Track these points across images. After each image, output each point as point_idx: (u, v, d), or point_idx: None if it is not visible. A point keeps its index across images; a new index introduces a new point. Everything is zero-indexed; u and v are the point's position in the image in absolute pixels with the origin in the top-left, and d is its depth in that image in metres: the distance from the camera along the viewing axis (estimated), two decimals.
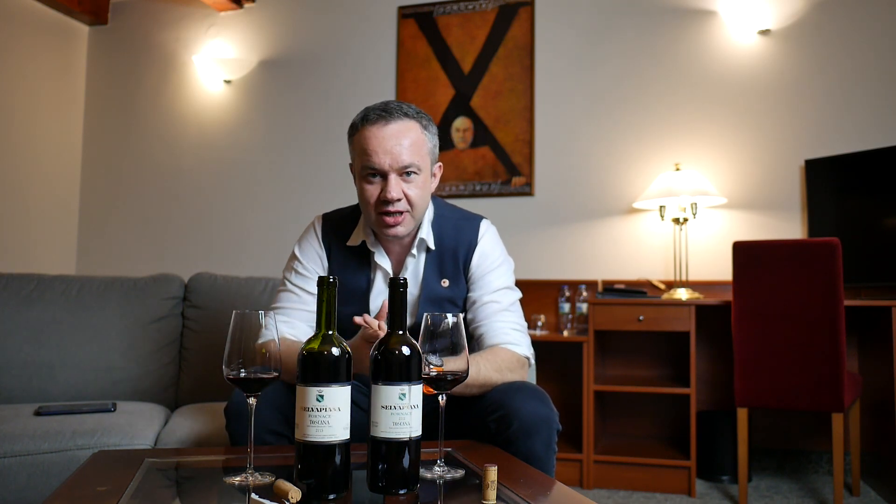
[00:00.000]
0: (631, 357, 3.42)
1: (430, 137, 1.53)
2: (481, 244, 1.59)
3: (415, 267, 1.58)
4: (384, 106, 1.49)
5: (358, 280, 1.58)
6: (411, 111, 1.50)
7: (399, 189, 1.46)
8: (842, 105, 3.29)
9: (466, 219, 1.64)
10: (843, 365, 2.54)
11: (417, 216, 1.52)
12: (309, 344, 1.07)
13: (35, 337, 2.23)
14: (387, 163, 1.45)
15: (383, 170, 1.46)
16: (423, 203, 1.52)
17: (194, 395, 2.31)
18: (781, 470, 3.22)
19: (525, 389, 1.41)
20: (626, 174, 3.54)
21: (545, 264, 3.61)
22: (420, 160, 1.48)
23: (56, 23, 4.23)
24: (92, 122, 4.43)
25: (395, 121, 1.47)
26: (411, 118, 1.49)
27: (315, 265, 1.61)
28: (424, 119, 1.52)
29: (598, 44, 3.64)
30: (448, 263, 1.58)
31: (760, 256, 2.70)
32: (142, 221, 4.29)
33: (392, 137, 1.45)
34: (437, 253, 1.58)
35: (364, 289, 1.58)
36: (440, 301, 1.56)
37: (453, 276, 1.57)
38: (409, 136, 1.47)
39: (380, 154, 1.45)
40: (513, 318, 1.57)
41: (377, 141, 1.45)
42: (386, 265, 1.58)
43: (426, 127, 1.52)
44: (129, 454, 1.39)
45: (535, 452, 1.35)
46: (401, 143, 1.45)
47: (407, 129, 1.47)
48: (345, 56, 4.02)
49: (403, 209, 1.48)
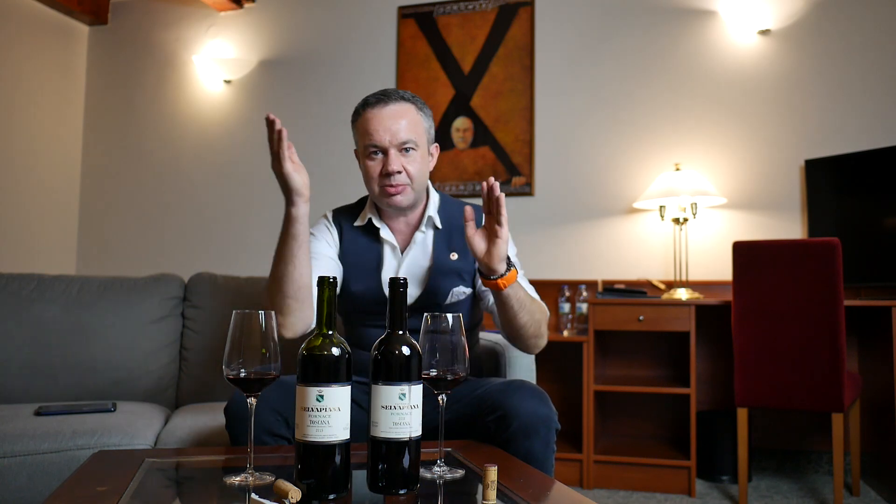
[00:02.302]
0: (631, 357, 3.42)
1: (425, 119, 1.64)
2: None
3: (423, 241, 1.68)
4: (382, 91, 1.62)
5: (369, 255, 1.67)
6: (407, 95, 1.63)
7: (399, 163, 1.57)
8: (842, 105, 3.29)
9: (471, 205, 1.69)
10: (843, 365, 2.54)
11: (417, 189, 1.62)
12: (309, 344, 1.07)
13: (35, 337, 2.22)
14: (386, 139, 1.57)
15: (384, 146, 1.57)
16: (421, 177, 1.62)
17: (194, 395, 2.31)
18: (781, 470, 3.22)
19: (524, 389, 1.44)
20: (626, 174, 3.54)
21: (545, 264, 3.61)
22: (417, 137, 1.60)
23: (56, 23, 4.23)
24: (92, 122, 4.43)
25: (393, 103, 1.59)
26: (407, 101, 1.61)
27: (324, 234, 1.69)
28: (419, 102, 1.65)
29: (598, 44, 3.64)
30: (456, 238, 1.66)
31: (760, 256, 2.70)
32: (142, 221, 4.29)
33: (390, 117, 1.58)
34: (446, 230, 1.68)
35: (375, 264, 1.66)
36: (449, 273, 1.64)
37: (462, 250, 1.66)
38: (407, 116, 1.59)
39: (380, 132, 1.57)
40: (525, 284, 1.66)
41: (377, 120, 1.58)
42: (391, 239, 1.67)
43: (421, 109, 1.64)
44: (129, 454, 1.39)
45: (535, 452, 1.37)
46: (398, 122, 1.58)
47: (404, 109, 1.60)
48: (345, 56, 4.02)
49: (404, 182, 1.59)
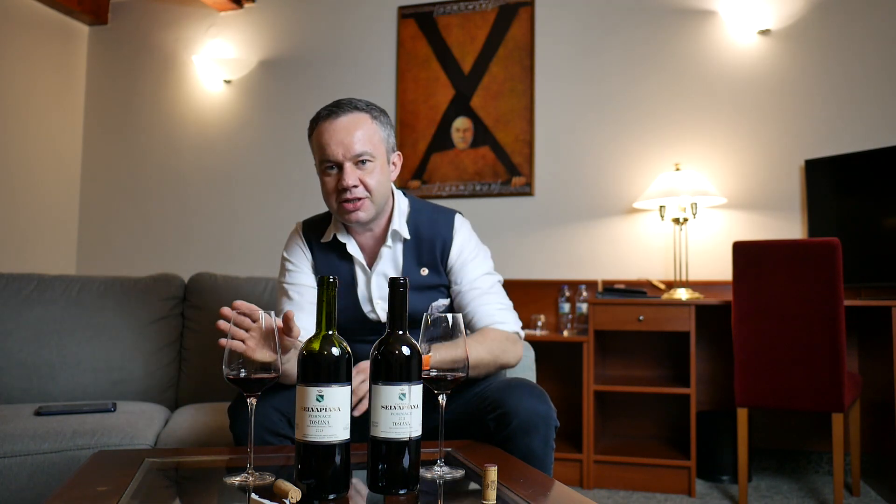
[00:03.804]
0: (631, 357, 3.42)
1: (381, 128, 1.58)
2: (457, 238, 1.65)
3: (392, 256, 1.64)
4: (335, 103, 1.57)
5: (342, 272, 1.64)
6: (361, 104, 1.56)
7: (355, 176, 1.52)
8: (842, 105, 3.29)
9: (441, 212, 1.69)
10: (843, 365, 2.54)
11: (378, 202, 1.57)
12: (309, 344, 1.07)
13: (35, 337, 2.23)
14: (340, 153, 1.51)
15: (338, 160, 1.52)
16: (381, 189, 1.57)
17: (194, 395, 2.31)
18: (781, 470, 3.22)
19: (523, 387, 1.44)
20: (626, 174, 3.54)
21: (545, 264, 3.61)
22: (373, 148, 1.54)
23: (56, 23, 4.23)
24: (92, 122, 4.43)
25: (345, 114, 1.53)
26: (361, 110, 1.55)
27: (302, 262, 1.67)
28: (375, 111, 1.58)
29: (599, 44, 3.64)
30: (426, 254, 1.63)
31: (760, 256, 2.70)
32: (142, 221, 4.29)
33: (343, 129, 1.52)
34: (415, 243, 1.64)
35: (349, 281, 1.64)
36: (422, 289, 1.61)
37: (432, 265, 1.63)
38: (360, 127, 1.53)
39: (332, 145, 1.52)
40: (496, 298, 1.62)
41: (329, 134, 1.52)
42: (358, 255, 1.63)
43: (377, 118, 1.57)
44: (129, 454, 1.39)
45: (534, 450, 1.37)
46: (352, 133, 1.52)
47: (357, 120, 1.53)
48: (345, 56, 4.02)
49: (362, 195, 1.53)
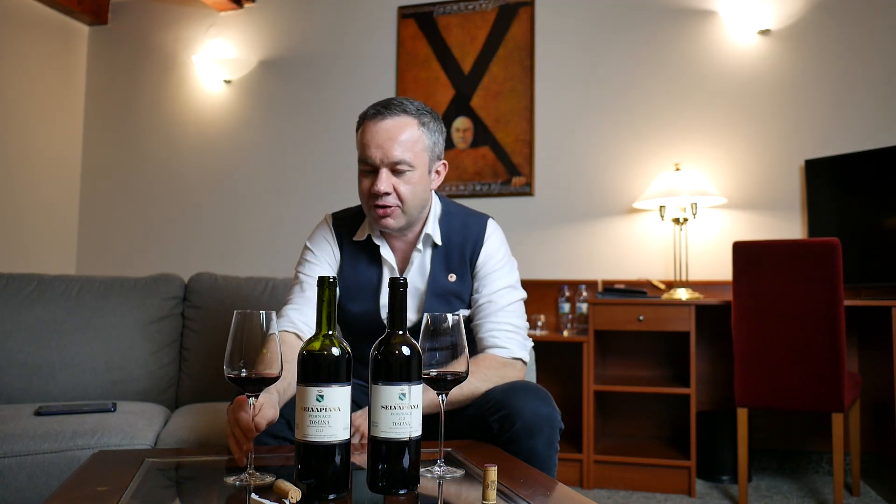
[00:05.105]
0: (631, 357, 3.42)
1: (428, 135, 1.51)
2: (488, 243, 1.60)
3: (421, 262, 1.59)
4: (386, 102, 1.50)
5: (369, 275, 1.60)
6: (411, 108, 1.49)
7: (389, 183, 1.47)
8: (842, 105, 3.29)
9: (474, 216, 1.65)
10: (843, 365, 2.54)
11: (410, 212, 1.52)
12: (309, 344, 1.07)
13: (35, 337, 2.22)
14: (378, 157, 1.46)
15: (374, 163, 1.47)
16: (416, 200, 1.51)
17: (194, 395, 2.31)
18: (781, 470, 3.22)
19: (527, 389, 1.42)
20: (626, 174, 3.54)
21: (545, 264, 3.61)
22: (413, 157, 1.47)
23: (56, 23, 4.23)
24: (92, 121, 4.43)
25: (392, 116, 1.47)
26: (409, 115, 1.48)
27: (326, 255, 1.62)
28: (425, 117, 1.51)
29: (599, 44, 3.64)
30: (455, 258, 1.58)
31: (760, 256, 2.69)
32: (142, 221, 4.29)
33: (385, 132, 1.46)
34: (444, 248, 1.59)
35: (375, 284, 1.59)
36: (447, 295, 1.57)
37: (460, 271, 1.58)
38: (404, 133, 1.47)
39: (371, 148, 1.46)
40: (507, 317, 1.57)
41: (370, 135, 1.47)
42: (391, 259, 1.59)
43: (425, 124, 1.51)
44: (129, 454, 1.39)
45: (538, 451, 1.36)
46: (393, 138, 1.46)
47: (402, 125, 1.47)
48: (345, 56, 4.02)
49: (393, 203, 1.48)
